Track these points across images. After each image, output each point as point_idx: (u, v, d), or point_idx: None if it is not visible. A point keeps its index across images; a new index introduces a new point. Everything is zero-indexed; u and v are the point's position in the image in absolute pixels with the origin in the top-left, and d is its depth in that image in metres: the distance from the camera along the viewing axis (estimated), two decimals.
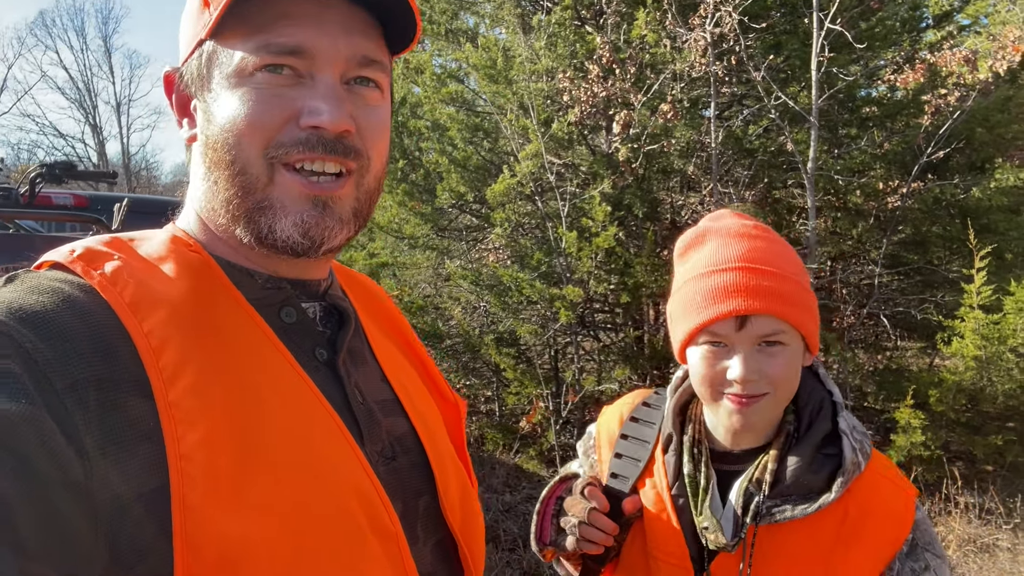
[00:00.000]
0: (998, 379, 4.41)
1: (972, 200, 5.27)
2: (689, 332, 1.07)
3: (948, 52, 6.16)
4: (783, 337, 1.03)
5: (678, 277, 1.14)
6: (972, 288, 4.36)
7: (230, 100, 0.71)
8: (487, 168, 5.99)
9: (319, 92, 0.71)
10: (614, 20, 5.57)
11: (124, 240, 0.74)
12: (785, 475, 1.06)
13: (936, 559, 1.06)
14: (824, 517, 1.05)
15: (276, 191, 0.72)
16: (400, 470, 0.79)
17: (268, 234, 0.73)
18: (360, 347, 0.85)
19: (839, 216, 5.99)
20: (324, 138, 0.71)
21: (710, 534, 1.06)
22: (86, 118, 31.67)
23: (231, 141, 0.71)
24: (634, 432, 1.22)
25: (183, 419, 0.62)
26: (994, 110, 5.54)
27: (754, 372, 1.02)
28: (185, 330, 0.66)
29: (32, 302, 0.62)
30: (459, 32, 7.06)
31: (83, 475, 0.56)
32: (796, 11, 5.56)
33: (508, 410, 6.01)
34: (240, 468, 0.63)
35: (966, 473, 4.80)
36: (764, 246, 1.07)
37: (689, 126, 5.40)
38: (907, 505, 1.08)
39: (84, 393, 0.59)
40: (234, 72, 0.71)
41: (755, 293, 1.01)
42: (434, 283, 6.54)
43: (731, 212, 1.16)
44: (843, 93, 5.43)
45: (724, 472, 1.12)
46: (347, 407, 0.76)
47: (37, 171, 3.02)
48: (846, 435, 1.09)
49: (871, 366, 5.92)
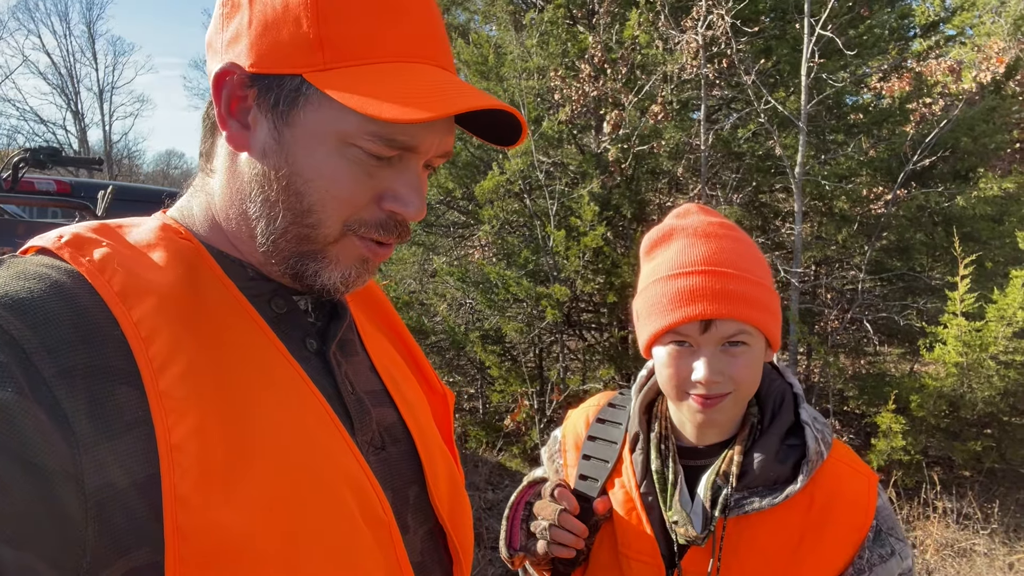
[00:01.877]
0: (978, 386, 4.46)
1: (956, 208, 5.33)
2: (655, 332, 1.08)
3: (934, 62, 6.25)
4: (746, 338, 1.05)
5: (644, 275, 1.15)
6: (956, 295, 4.41)
7: (324, 158, 0.71)
8: (476, 165, 5.97)
9: (406, 181, 0.73)
10: (606, 20, 5.57)
11: (112, 227, 0.73)
12: (752, 467, 1.08)
13: (899, 543, 1.10)
14: (790, 507, 1.08)
15: (338, 250, 0.74)
16: (390, 460, 0.80)
17: (311, 277, 0.75)
18: (351, 338, 0.85)
19: (825, 221, 6.05)
20: (401, 224, 0.75)
21: (680, 528, 1.08)
22: (68, 104, 31.29)
23: (312, 197, 0.72)
24: (601, 433, 1.23)
25: (174, 408, 0.61)
26: (979, 120, 5.61)
27: (718, 373, 1.04)
28: (175, 319, 0.66)
29: (18, 288, 0.61)
30: (451, 27, 7.04)
31: (72, 464, 0.55)
32: (787, 16, 5.59)
33: (492, 408, 5.99)
34: (232, 457, 0.62)
35: (945, 478, 4.85)
36: (729, 246, 1.09)
37: (679, 128, 5.42)
38: (870, 491, 1.11)
39: (73, 381, 0.58)
40: (336, 134, 0.70)
41: (719, 297, 1.03)
42: (420, 279, 6.52)
43: (698, 208, 1.16)
44: (831, 99, 5.47)
45: (691, 467, 1.14)
46: (338, 397, 0.76)
47: (20, 156, 2.96)
48: (808, 425, 1.11)
49: (853, 370, 5.98)
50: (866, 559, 1.07)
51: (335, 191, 0.71)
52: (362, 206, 0.73)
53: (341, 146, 0.71)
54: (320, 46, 0.69)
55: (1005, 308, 4.27)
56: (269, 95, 0.71)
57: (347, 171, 0.71)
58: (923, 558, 4.10)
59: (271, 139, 0.72)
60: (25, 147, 2.97)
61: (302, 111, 0.71)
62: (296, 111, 0.71)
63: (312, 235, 0.73)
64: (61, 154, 3.10)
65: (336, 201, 0.72)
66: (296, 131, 0.71)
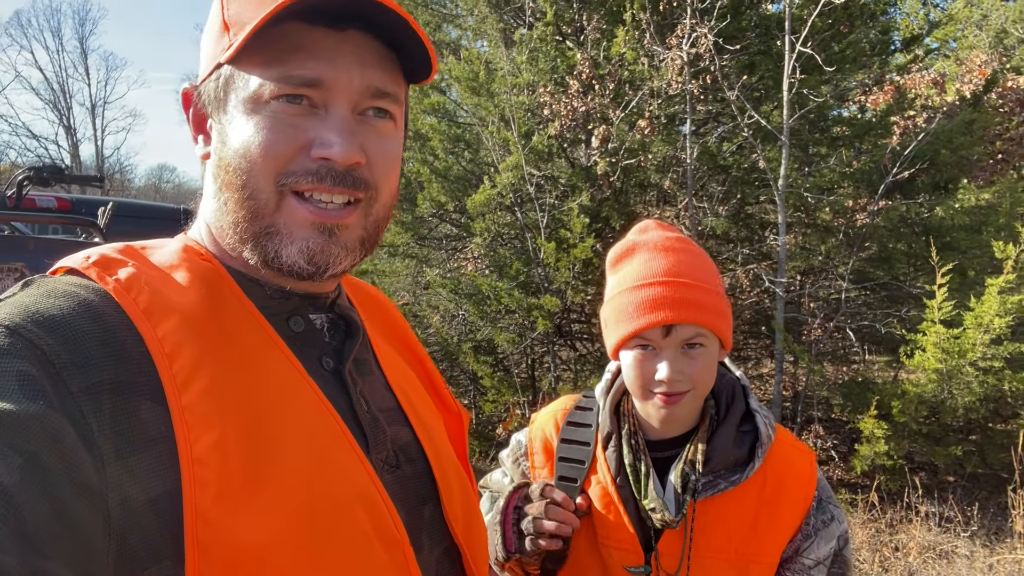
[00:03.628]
0: (958, 392, 4.57)
1: (936, 219, 5.46)
2: (622, 337, 1.21)
3: (917, 75, 6.40)
4: (703, 340, 1.18)
5: (611, 286, 1.27)
6: (934, 303, 4.53)
7: (245, 125, 0.73)
8: (468, 178, 6.08)
9: (331, 124, 0.72)
10: (594, 37, 5.71)
11: (137, 248, 0.76)
12: (715, 454, 1.21)
13: (836, 508, 1.26)
14: (748, 486, 1.22)
15: (283, 217, 0.73)
16: (404, 478, 0.80)
17: (274, 258, 0.74)
18: (366, 357, 0.86)
19: (809, 232, 6.17)
20: (334, 170, 0.73)
21: (656, 514, 1.19)
22: (60, 119, 31.41)
23: (243, 166, 0.73)
24: (572, 435, 1.34)
25: (196, 423, 0.63)
26: (958, 132, 5.75)
27: (679, 372, 1.17)
28: (197, 336, 0.67)
29: (49, 305, 0.63)
30: (442, 44, 7.17)
31: (96, 477, 0.57)
32: (770, 33, 5.73)
33: (485, 417, 6.08)
34: (251, 473, 0.63)
35: (927, 482, 4.96)
36: (685, 259, 1.22)
37: (666, 142, 5.54)
38: (811, 466, 1.27)
39: (99, 396, 0.60)
40: (250, 98, 0.72)
41: (678, 304, 1.16)
42: (413, 291, 6.60)
43: (656, 224, 1.30)
44: (814, 113, 5.61)
45: (659, 459, 1.26)
46: (353, 415, 0.77)
47: (25, 174, 3.05)
48: (758, 413, 1.26)
49: (837, 378, 6.09)
50: (812, 525, 1.23)
51: (257, 149, 0.72)
52: (289, 158, 0.72)
53: (256, 107, 0.72)
54: (226, 28, 0.75)
55: (982, 315, 4.39)
56: (208, 96, 0.77)
57: (267, 127, 0.72)
58: (906, 560, 4.20)
59: (216, 134, 0.77)
60: (29, 165, 3.06)
61: (229, 94, 0.75)
62: (227, 97, 0.75)
63: (255, 208, 0.73)
64: (64, 172, 3.19)
65: (261, 159, 0.72)
66: (228, 114, 0.75)
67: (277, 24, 0.70)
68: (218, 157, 0.76)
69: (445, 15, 7.29)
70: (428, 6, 7.16)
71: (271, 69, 0.72)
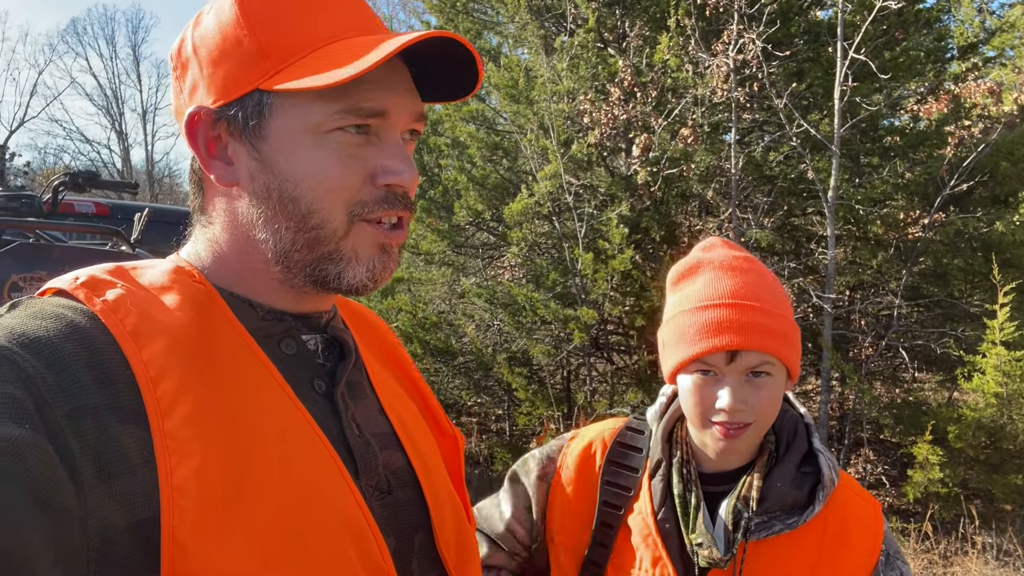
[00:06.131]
0: (1019, 417, 4.33)
1: (995, 234, 5.21)
2: (682, 361, 1.13)
3: (973, 84, 6.14)
4: (769, 368, 1.10)
5: (671, 306, 1.20)
6: (995, 324, 4.30)
7: (304, 156, 0.73)
8: (505, 187, 6.01)
9: (393, 151, 0.75)
10: (637, 44, 5.59)
11: (127, 269, 0.75)
12: (771, 492, 1.13)
13: (905, 566, 1.17)
14: (806, 532, 1.13)
15: (351, 242, 0.75)
16: (395, 505, 0.79)
17: (336, 280, 0.76)
18: (359, 380, 0.85)
19: (859, 245, 5.94)
20: (399, 195, 0.76)
21: (704, 551, 1.11)
22: (112, 125, 32.29)
23: (308, 198, 0.73)
24: (622, 459, 1.26)
25: (177, 450, 0.62)
26: (1018, 143, 5.49)
27: (741, 402, 1.09)
28: (184, 360, 0.67)
29: (35, 327, 0.63)
30: (483, 52, 7.12)
31: (77, 504, 0.56)
32: (820, 39, 5.55)
33: (519, 430, 5.98)
34: (232, 501, 0.63)
35: (984, 512, 4.70)
36: (753, 280, 1.14)
37: (709, 151, 5.39)
38: (877, 517, 1.17)
39: (82, 421, 0.59)
40: (309, 128, 0.72)
41: (745, 329, 1.08)
42: (449, 300, 6.55)
43: (722, 242, 1.22)
44: (866, 122, 5.40)
45: (710, 493, 1.17)
46: (343, 440, 0.76)
47: (60, 179, 3.05)
48: (822, 454, 1.17)
49: (888, 399, 5.85)
50: None
51: (327, 183, 0.73)
52: (358, 188, 0.74)
53: (317, 137, 0.73)
54: (265, 55, 0.73)
55: None
56: (237, 121, 0.74)
57: (332, 159, 0.73)
58: None
59: (253, 161, 0.75)
60: (66, 170, 3.07)
61: (271, 121, 0.73)
62: (266, 123, 0.73)
63: (321, 236, 0.74)
64: (99, 178, 3.19)
65: (331, 192, 0.73)
66: (272, 142, 0.73)
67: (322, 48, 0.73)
68: (265, 187, 0.75)
69: (486, 22, 7.24)
70: (469, 14, 7.13)
71: (334, 102, 0.72)
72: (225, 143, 0.76)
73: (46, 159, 30.70)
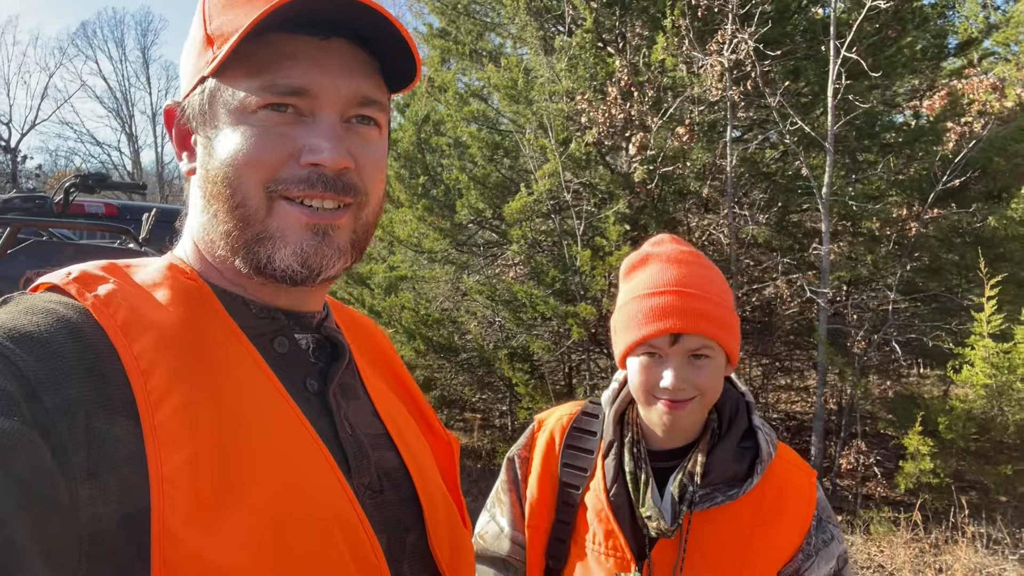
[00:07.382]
0: (1009, 409, 4.39)
1: (988, 229, 5.26)
2: (630, 344, 1.23)
3: (976, 79, 6.15)
4: (709, 351, 1.19)
5: (622, 294, 1.29)
6: (982, 316, 4.37)
7: (232, 136, 0.73)
8: (506, 186, 6.10)
9: (319, 131, 0.73)
10: (634, 44, 5.67)
11: (120, 265, 0.76)
12: (714, 467, 1.22)
13: (836, 528, 1.27)
14: (745, 502, 1.22)
15: (275, 221, 0.74)
16: (387, 504, 0.79)
17: (267, 264, 0.74)
18: (352, 382, 0.85)
19: (855, 241, 6.01)
20: (324, 175, 0.73)
21: (652, 522, 1.20)
22: (122, 127, 32.66)
23: (231, 175, 0.73)
24: (578, 442, 1.36)
25: (167, 442, 0.62)
26: (1012, 139, 5.53)
27: (683, 381, 1.18)
28: (175, 354, 0.67)
29: (26, 322, 0.63)
30: (484, 52, 7.21)
31: (68, 495, 0.57)
32: (816, 38, 5.61)
33: (520, 425, 6.07)
34: (222, 493, 0.63)
35: (976, 502, 4.77)
36: (697, 271, 1.24)
37: (705, 149, 5.47)
38: (811, 485, 1.27)
39: (73, 414, 0.59)
40: (237, 109, 0.73)
41: (686, 314, 1.18)
42: (452, 297, 6.64)
43: (671, 238, 1.32)
44: (862, 119, 5.46)
45: (659, 469, 1.27)
46: (335, 438, 0.76)
47: (71, 181, 3.18)
48: (760, 430, 1.27)
49: (884, 392, 5.91)
50: (812, 544, 1.23)
51: (244, 159, 0.72)
52: (276, 165, 0.73)
53: (244, 116, 0.73)
54: (210, 43, 0.75)
55: None
56: (194, 110, 0.77)
57: (255, 136, 0.72)
58: None
59: (202, 149, 0.77)
60: (76, 172, 3.19)
61: (216, 107, 0.75)
62: (213, 110, 0.75)
63: (246, 215, 0.74)
64: (109, 179, 3.32)
65: (248, 168, 0.72)
66: (217, 127, 0.75)
67: (261, 35, 0.71)
68: (205, 170, 0.76)
69: (487, 24, 7.33)
70: (471, 15, 7.22)
71: (256, 79, 0.72)
72: (191, 134, 0.79)
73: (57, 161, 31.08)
